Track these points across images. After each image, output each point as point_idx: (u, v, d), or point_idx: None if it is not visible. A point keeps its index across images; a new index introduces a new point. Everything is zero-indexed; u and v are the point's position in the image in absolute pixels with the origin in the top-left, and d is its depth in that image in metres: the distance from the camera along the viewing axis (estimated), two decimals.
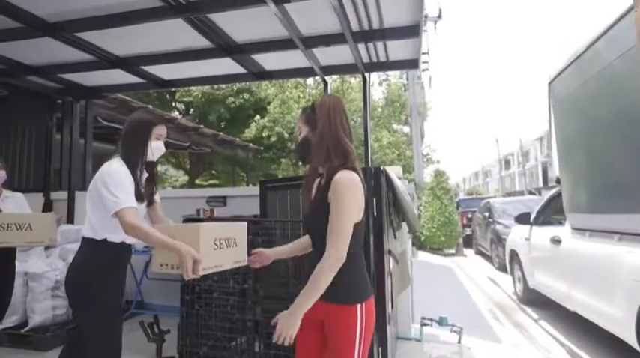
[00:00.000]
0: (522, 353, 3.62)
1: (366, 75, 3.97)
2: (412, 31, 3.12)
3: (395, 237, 2.71)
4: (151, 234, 1.64)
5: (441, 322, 3.56)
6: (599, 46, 3.12)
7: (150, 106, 6.49)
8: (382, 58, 3.80)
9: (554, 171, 4.47)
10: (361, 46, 3.47)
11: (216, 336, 2.59)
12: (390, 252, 2.43)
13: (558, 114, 3.97)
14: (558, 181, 4.37)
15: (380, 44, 3.43)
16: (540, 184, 34.63)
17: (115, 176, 1.74)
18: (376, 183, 2.40)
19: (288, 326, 1.35)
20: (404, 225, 3.18)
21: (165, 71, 4.21)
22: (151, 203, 1.98)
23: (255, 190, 3.78)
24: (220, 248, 1.65)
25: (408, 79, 14.74)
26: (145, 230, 1.66)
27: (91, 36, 3.31)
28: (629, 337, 2.86)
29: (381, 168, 2.45)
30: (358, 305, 1.40)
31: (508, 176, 46.19)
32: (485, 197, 18.15)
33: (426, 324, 3.53)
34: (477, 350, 3.40)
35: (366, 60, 3.80)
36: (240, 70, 4.08)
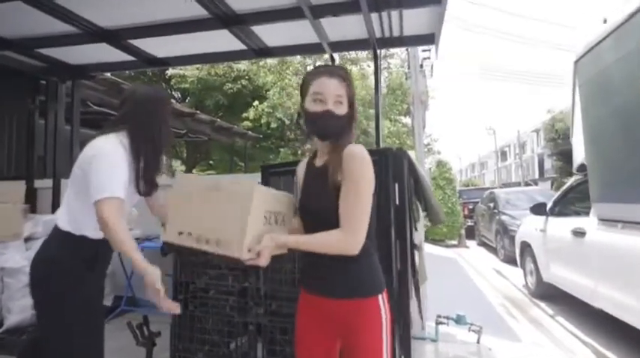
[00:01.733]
0: (545, 353, 3.36)
1: (378, 52, 3.62)
2: None
3: (416, 229, 2.41)
4: (125, 242, 1.36)
5: (459, 320, 3.27)
6: None
7: None
8: (396, 33, 3.45)
9: (577, 158, 4.16)
10: (374, 18, 3.12)
11: (213, 341, 2.29)
12: (414, 246, 2.12)
13: (586, 95, 3.65)
14: (581, 169, 4.08)
15: (395, 14, 3.08)
16: (536, 176, 34.65)
17: (110, 158, 1.44)
18: (398, 167, 2.09)
19: (268, 255, 1.16)
20: (421, 215, 2.89)
21: (157, 47, 3.84)
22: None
23: (255, 177, 3.47)
24: (269, 223, 1.22)
25: (409, 67, 14.38)
26: (120, 234, 1.37)
27: (69, 2, 2.94)
28: None
29: (403, 150, 2.14)
30: (379, 296, 1.22)
31: (504, 167, 46.21)
32: (487, 188, 17.94)
33: (442, 323, 3.25)
34: (497, 351, 3.14)
35: (378, 35, 3.45)
36: (240, 46, 3.72)
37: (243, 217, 1.11)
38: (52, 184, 4.35)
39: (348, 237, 1.15)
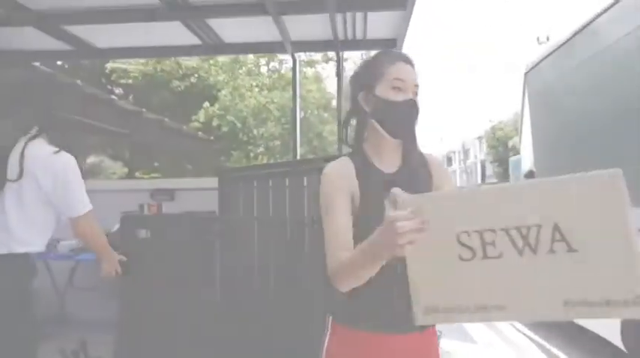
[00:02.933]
0: (498, 354, 3.49)
1: (340, 54, 3.56)
2: (398, 0, 2.74)
3: None
4: (105, 245, 1.59)
5: None
6: (587, 34, 2.99)
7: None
8: (359, 35, 3.41)
9: (525, 164, 4.40)
10: (338, 18, 3.04)
11: None
12: None
13: (535, 106, 3.87)
14: (529, 175, 4.31)
15: (360, 16, 3.03)
16: (479, 181, 37.04)
17: (76, 170, 1.44)
18: None
19: None
20: None
21: (98, 36, 3.46)
22: None
23: (209, 182, 3.24)
24: None
25: None
26: (102, 238, 1.58)
27: None
28: (613, 337, 2.77)
29: None
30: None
31: (450, 172, 48.81)
32: None
33: None
34: (455, 355, 3.20)
35: (341, 37, 3.38)
36: (194, 40, 3.46)
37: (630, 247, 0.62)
38: None
39: None
